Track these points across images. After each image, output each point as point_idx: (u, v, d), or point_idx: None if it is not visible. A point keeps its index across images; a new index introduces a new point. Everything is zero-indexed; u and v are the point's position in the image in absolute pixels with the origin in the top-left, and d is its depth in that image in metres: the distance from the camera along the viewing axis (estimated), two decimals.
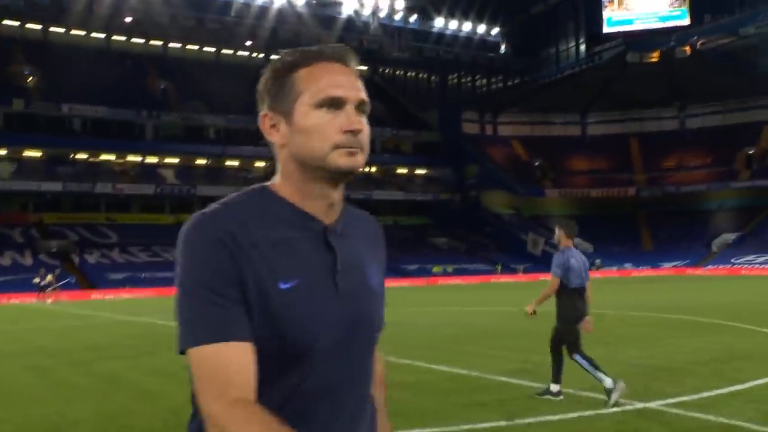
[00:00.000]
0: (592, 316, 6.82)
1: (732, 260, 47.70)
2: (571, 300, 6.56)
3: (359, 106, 1.22)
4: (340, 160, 1.19)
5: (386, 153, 60.11)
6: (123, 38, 52.52)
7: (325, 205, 1.24)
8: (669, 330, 12.40)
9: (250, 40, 52.58)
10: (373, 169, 59.76)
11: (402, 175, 60.67)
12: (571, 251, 6.63)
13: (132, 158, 48.79)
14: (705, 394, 6.55)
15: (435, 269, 45.73)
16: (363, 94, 1.23)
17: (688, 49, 47.06)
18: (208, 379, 1.12)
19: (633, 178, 57.68)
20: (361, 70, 1.27)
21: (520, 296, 25.74)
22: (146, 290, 33.90)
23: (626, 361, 8.81)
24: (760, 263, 45.56)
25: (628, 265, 49.31)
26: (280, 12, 45.65)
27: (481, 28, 51.92)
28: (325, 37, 50.92)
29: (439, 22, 50.61)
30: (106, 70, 49.12)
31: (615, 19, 51.89)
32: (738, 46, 46.85)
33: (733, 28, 44.92)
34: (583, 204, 57.13)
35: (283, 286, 1.16)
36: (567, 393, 6.56)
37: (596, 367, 6.27)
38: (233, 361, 1.12)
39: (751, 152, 55.14)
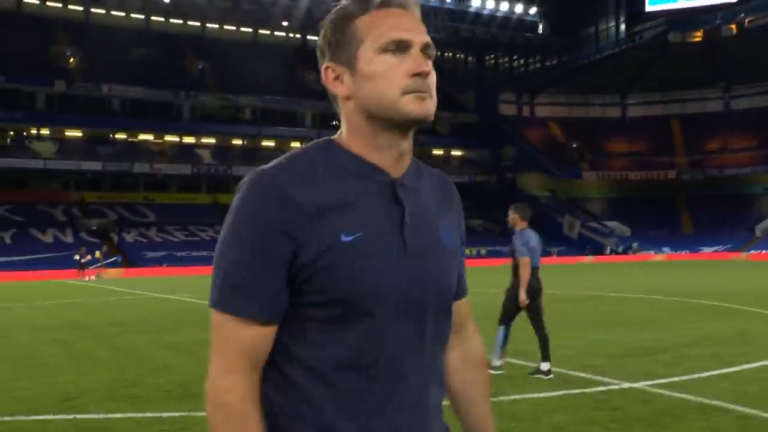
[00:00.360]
0: (606, 298, 7.07)
1: None
2: (533, 278, 6.93)
3: (425, 49, 1.17)
4: (410, 106, 1.14)
5: (422, 134, 60.09)
6: (162, 19, 53.35)
7: (393, 156, 1.19)
8: (685, 314, 12.41)
9: (286, 20, 52.93)
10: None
11: (438, 156, 60.62)
12: (528, 232, 6.97)
13: (169, 138, 49.79)
14: (695, 376, 6.69)
15: (468, 251, 45.73)
16: (427, 37, 1.18)
17: (734, 27, 45.93)
18: (220, 346, 1.12)
19: (674, 161, 56.71)
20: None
21: (547, 279, 25.70)
22: (182, 269, 34.77)
23: (632, 343, 8.97)
24: None
25: (666, 250, 48.71)
26: None
27: (519, 8, 51.41)
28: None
29: (476, 2, 50.20)
30: (144, 51, 50.06)
31: None
32: None
33: None
34: (621, 187, 56.46)
35: (345, 238, 1.11)
36: (557, 372, 6.77)
37: (502, 348, 6.89)
38: (246, 340, 1.11)
39: None
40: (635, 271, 31.62)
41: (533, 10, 52.36)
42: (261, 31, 56.70)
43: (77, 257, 30.91)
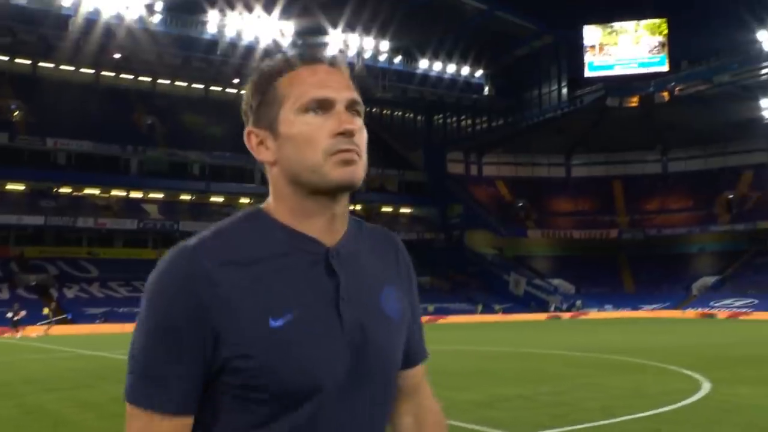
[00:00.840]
0: (526, 354, 7.50)
1: (711, 303, 48.30)
2: None
3: (351, 106, 1.11)
4: (334, 172, 1.07)
5: (372, 192, 60.94)
6: (112, 74, 53.61)
7: (325, 223, 1.11)
8: (597, 369, 12.97)
9: (237, 78, 53.63)
10: (358, 207, 60.53)
11: (387, 213, 61.40)
12: None
13: (116, 193, 49.52)
14: (578, 426, 7.12)
15: None
16: (354, 94, 1.12)
17: (666, 94, 48.28)
18: None
19: (615, 220, 58.49)
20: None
21: (484, 336, 26.22)
22: (122, 325, 34.24)
23: (532, 396, 9.39)
24: (738, 307, 46.09)
25: (608, 307, 49.79)
26: (266, 52, 46.67)
27: (465, 70, 53.09)
28: None
29: (423, 64, 51.75)
30: (93, 105, 50.13)
31: (596, 64, 53.18)
32: (713, 93, 47.99)
33: (708, 76, 46.17)
34: (565, 245, 57.85)
35: (274, 323, 1.03)
36: (454, 425, 7.15)
37: None
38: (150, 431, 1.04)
39: (730, 197, 56.08)
40: (572, 327, 32.35)
41: (479, 73, 54.17)
42: (212, 88, 57.35)
43: (10, 314, 30.28)
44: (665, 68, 51.20)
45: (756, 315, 42.68)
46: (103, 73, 53.46)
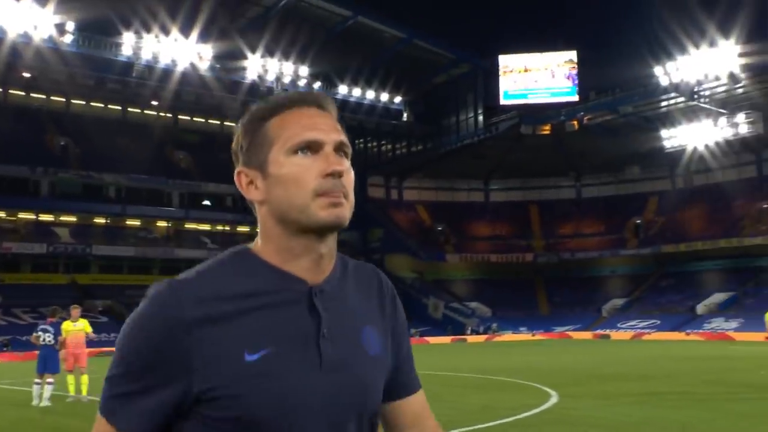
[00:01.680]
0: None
1: (618, 324, 50.69)
2: None
3: (339, 148, 1.16)
4: (321, 212, 1.11)
5: None
6: (21, 93, 52.67)
7: (311, 262, 1.15)
8: (464, 387, 14.00)
9: (155, 100, 53.63)
10: None
11: None
12: None
13: (24, 216, 48.49)
14: None
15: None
16: (342, 136, 1.18)
17: (576, 123, 50.82)
18: None
19: (531, 244, 60.68)
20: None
21: None
22: (26, 354, 33.61)
23: None
24: (641, 327, 48.57)
25: (523, 329, 51.53)
26: (184, 75, 46.97)
27: (385, 96, 54.50)
28: (228, 101, 52.59)
29: (343, 90, 52.87)
30: (1, 126, 49.12)
31: (511, 92, 55.50)
32: (619, 123, 50.84)
33: (613, 106, 48.93)
34: (483, 269, 59.63)
35: (249, 357, 1.06)
36: None
37: None
38: None
39: (638, 222, 59.11)
40: (471, 350, 33.67)
41: (398, 99, 55.68)
42: (130, 110, 56.94)
43: None
44: (575, 98, 53.94)
45: (656, 335, 45.21)
46: (12, 91, 52.46)
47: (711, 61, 43.11)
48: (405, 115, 56.50)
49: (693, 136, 50.43)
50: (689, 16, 43.44)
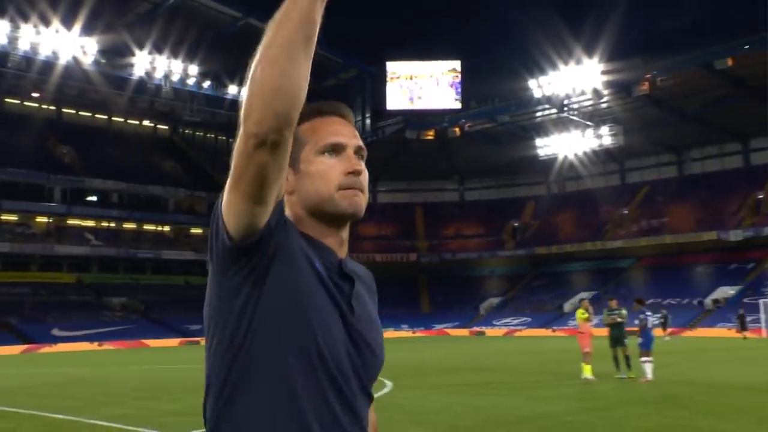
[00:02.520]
0: None
1: (493, 322, 53.21)
2: None
3: (357, 152, 1.38)
4: (343, 203, 1.34)
5: (180, 213, 60.84)
6: None
7: (337, 242, 1.39)
8: None
9: (37, 92, 51.91)
10: (166, 228, 60.16)
11: (197, 234, 61.44)
12: None
13: None
14: None
15: None
16: (360, 141, 1.39)
17: (458, 130, 52.95)
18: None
19: (416, 244, 62.60)
20: (163, 129, 1.71)
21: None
22: None
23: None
24: (514, 325, 51.25)
25: (404, 327, 53.20)
26: (66, 68, 45.76)
27: None
28: (115, 97, 51.59)
29: (233, 90, 52.87)
30: None
31: (397, 98, 57.10)
32: (498, 131, 53.41)
33: (492, 115, 51.39)
34: (369, 268, 60.23)
35: (319, 267, 1.30)
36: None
37: None
38: None
39: (516, 224, 62.15)
40: None
41: None
42: (8, 100, 54.82)
43: None
44: (458, 106, 56.16)
45: (527, 332, 47.91)
46: None
47: (578, 77, 46.09)
48: None
49: (564, 146, 53.59)
50: (559, 35, 46.46)
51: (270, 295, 1.26)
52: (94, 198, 57.75)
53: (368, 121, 56.06)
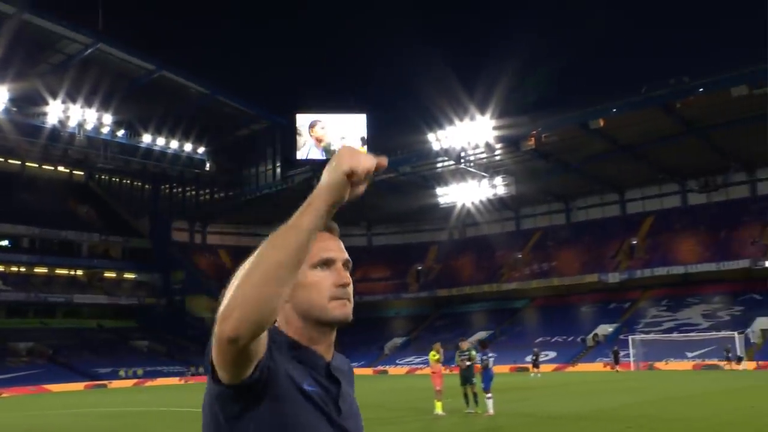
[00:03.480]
0: None
1: (396, 361, 54.59)
2: None
3: (345, 264, 1.56)
4: (336, 311, 1.51)
5: (94, 257, 60.08)
6: None
7: (325, 345, 1.54)
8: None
9: None
10: (79, 272, 59.23)
11: (110, 278, 60.76)
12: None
13: None
14: None
15: (121, 373, 46.38)
16: (346, 255, 1.57)
17: None
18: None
19: None
20: (79, 175, 2.12)
21: (148, 398, 28.05)
22: None
23: None
24: (416, 363, 52.74)
25: None
26: None
27: (188, 147, 55.43)
28: (28, 144, 51.08)
29: (147, 138, 53.20)
30: None
31: (306, 148, 58.64)
32: (401, 180, 55.57)
33: (394, 166, 53.39)
34: None
35: (307, 387, 1.43)
36: None
37: None
38: None
39: (419, 268, 64.21)
40: None
41: (202, 150, 56.81)
42: None
43: None
44: None
45: (427, 370, 49.40)
46: None
47: (472, 132, 48.82)
48: (208, 165, 57.68)
49: (462, 194, 56.18)
50: (454, 94, 49.26)
51: (260, 421, 1.40)
52: (4, 243, 56.47)
53: (278, 170, 57.24)
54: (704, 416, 14.22)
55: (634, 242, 55.61)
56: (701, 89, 41.01)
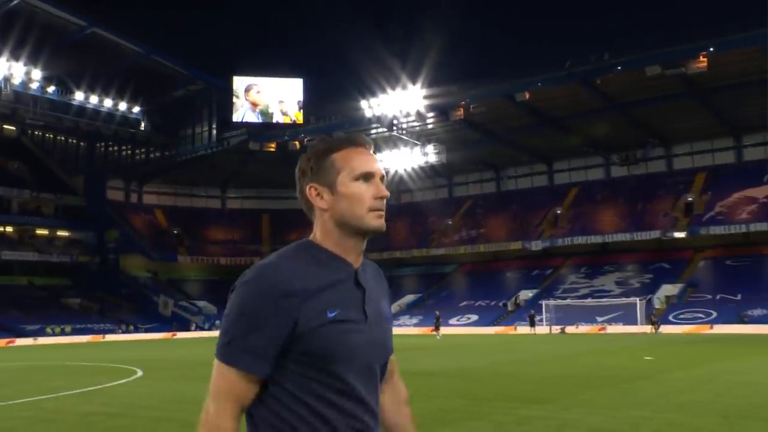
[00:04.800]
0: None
1: None
2: None
3: (382, 179, 1.65)
4: (374, 222, 1.63)
5: (24, 214, 59.12)
6: None
7: (356, 253, 1.66)
8: (73, 372, 16.38)
9: None
10: (9, 229, 58.30)
11: (42, 236, 59.92)
12: None
13: None
14: None
15: (48, 330, 46.27)
16: (383, 170, 1.67)
17: (297, 143, 54.92)
18: (217, 387, 1.52)
19: (260, 249, 64.03)
20: (10, 130, 2.32)
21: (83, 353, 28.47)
22: None
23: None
24: None
25: None
26: None
27: (123, 105, 54.62)
28: None
29: (79, 96, 52.20)
30: None
31: (242, 111, 58.48)
32: None
33: (329, 131, 53.62)
34: (213, 270, 61.93)
35: (330, 314, 1.53)
36: None
37: None
38: (235, 384, 1.50)
39: None
40: (169, 345, 36.02)
41: (137, 109, 56.06)
42: None
43: None
44: (299, 121, 58.31)
45: None
46: None
47: (403, 100, 49.37)
48: (143, 124, 57.01)
49: (396, 162, 56.92)
50: (387, 63, 49.67)
51: (296, 357, 1.55)
52: None
53: (214, 132, 56.92)
54: (549, 374, 15.18)
55: (559, 212, 57.41)
56: (619, 67, 42.24)
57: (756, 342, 27.75)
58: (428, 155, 55.46)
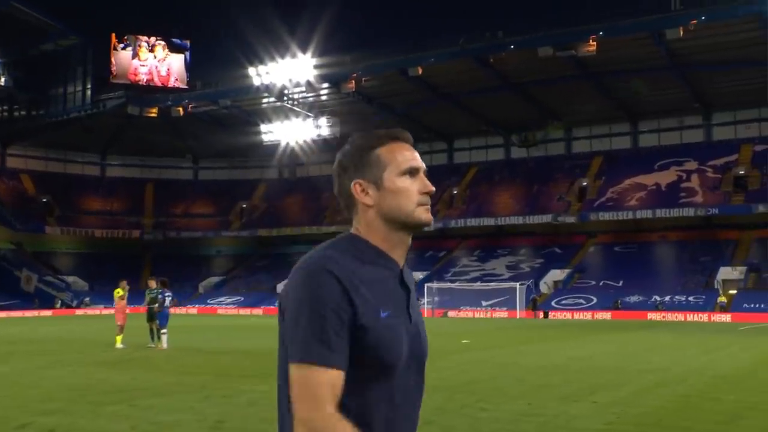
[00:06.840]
0: None
1: (208, 301, 55.53)
2: None
3: (425, 174, 1.69)
4: (423, 216, 1.65)
5: None
6: None
7: (402, 250, 1.68)
8: None
9: None
10: None
11: None
12: None
13: None
14: None
15: None
16: (424, 165, 1.70)
17: (181, 109, 54.16)
18: (309, 392, 1.47)
19: (141, 221, 62.99)
20: None
21: None
22: None
23: None
24: (227, 304, 54.08)
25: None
26: None
27: None
28: None
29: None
30: None
31: (122, 72, 57.08)
32: (223, 114, 55.58)
33: (214, 98, 53.25)
34: (87, 243, 60.46)
35: (383, 314, 1.55)
36: None
37: None
38: (330, 384, 1.48)
39: (244, 206, 64.86)
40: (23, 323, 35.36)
41: None
42: None
43: None
44: (184, 86, 57.45)
45: (238, 309, 51.12)
46: None
47: (293, 70, 49.38)
48: (4, 79, 54.76)
49: (287, 133, 57.00)
50: (276, 30, 49.63)
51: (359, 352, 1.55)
52: None
53: (89, 93, 55.25)
54: None
55: (455, 192, 58.91)
56: (512, 46, 43.55)
57: (602, 327, 29.86)
58: (321, 128, 55.80)
